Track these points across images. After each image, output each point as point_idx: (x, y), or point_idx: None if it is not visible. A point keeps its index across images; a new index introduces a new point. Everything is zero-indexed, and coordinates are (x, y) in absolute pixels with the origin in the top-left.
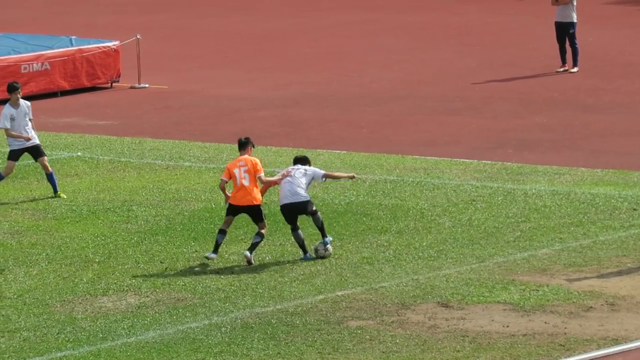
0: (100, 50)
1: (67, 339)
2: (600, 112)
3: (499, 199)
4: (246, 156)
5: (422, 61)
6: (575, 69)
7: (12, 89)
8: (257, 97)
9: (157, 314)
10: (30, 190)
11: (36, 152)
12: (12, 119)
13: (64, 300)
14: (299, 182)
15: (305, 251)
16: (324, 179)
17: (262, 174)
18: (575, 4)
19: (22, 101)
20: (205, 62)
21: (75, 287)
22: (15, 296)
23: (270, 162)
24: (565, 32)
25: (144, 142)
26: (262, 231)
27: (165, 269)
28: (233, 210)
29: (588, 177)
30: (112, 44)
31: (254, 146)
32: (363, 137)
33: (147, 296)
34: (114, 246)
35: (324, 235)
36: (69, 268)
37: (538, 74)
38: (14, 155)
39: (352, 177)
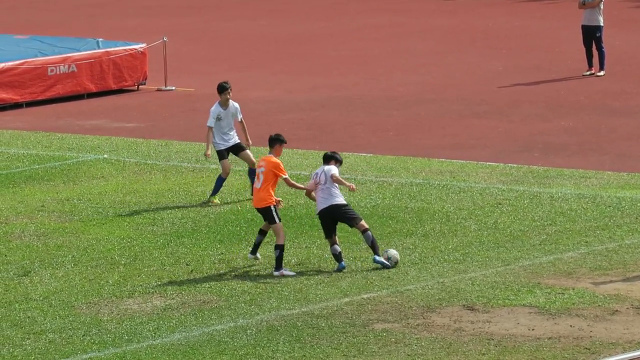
0: (127, 53)
1: (92, 341)
2: (626, 116)
3: (525, 202)
4: (269, 156)
5: (448, 64)
6: (601, 73)
7: (221, 89)
8: (283, 100)
9: (182, 316)
10: (57, 192)
11: (237, 148)
12: (219, 119)
13: (90, 302)
14: (329, 187)
15: (339, 260)
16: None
17: (285, 176)
18: (602, 7)
19: (231, 102)
20: (232, 65)
21: (101, 289)
22: (41, 298)
23: (296, 165)
24: (591, 35)
25: (171, 144)
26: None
27: (191, 271)
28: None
29: (614, 181)
30: (139, 46)
31: (284, 142)
32: (389, 140)
33: (173, 298)
34: (139, 248)
35: (375, 253)
36: (95, 270)
37: (564, 77)
38: (222, 154)
39: (352, 189)
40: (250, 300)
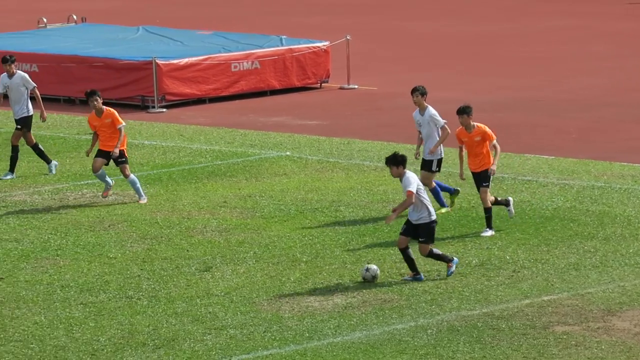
0: (310, 51)
1: (273, 337)
2: None
3: None
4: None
5: (632, 68)
6: None
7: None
8: (466, 100)
9: (363, 315)
10: (239, 189)
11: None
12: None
13: (271, 299)
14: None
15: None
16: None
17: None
18: None
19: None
20: (415, 65)
21: (282, 286)
22: (222, 294)
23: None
24: None
25: (353, 142)
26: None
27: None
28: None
29: None
30: (322, 44)
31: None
32: (571, 143)
33: (354, 297)
34: (321, 246)
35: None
36: (276, 267)
37: None
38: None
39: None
40: (431, 300)
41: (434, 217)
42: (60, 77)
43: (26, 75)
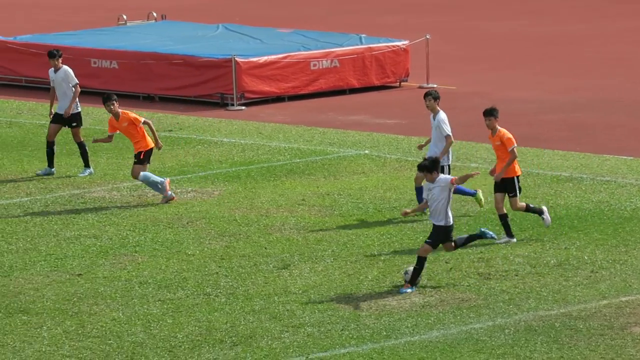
0: (389, 49)
1: (350, 335)
2: None
3: None
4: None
5: None
6: None
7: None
8: (544, 101)
9: (440, 314)
10: (317, 187)
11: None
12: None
13: (349, 297)
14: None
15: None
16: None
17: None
18: None
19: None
20: (494, 64)
21: (359, 285)
22: (300, 291)
23: (556, 166)
24: None
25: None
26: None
27: (450, 269)
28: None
29: None
30: (402, 43)
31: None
32: None
33: (431, 296)
34: (399, 245)
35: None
36: (354, 265)
37: None
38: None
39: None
40: (508, 300)
41: (450, 223)
42: (140, 74)
43: (70, 71)
